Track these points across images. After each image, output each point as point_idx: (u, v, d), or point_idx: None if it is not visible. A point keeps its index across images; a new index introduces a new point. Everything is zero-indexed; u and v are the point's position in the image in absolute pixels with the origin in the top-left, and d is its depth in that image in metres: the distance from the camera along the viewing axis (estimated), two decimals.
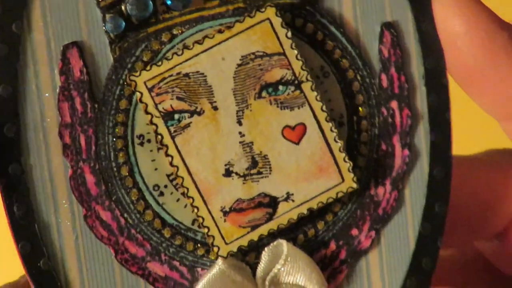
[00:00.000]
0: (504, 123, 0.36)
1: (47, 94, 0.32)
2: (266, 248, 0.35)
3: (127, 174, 0.33)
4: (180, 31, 0.33)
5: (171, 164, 0.33)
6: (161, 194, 0.34)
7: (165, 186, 0.34)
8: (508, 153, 0.39)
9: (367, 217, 0.36)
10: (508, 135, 0.36)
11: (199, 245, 0.34)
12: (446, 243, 0.38)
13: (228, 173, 0.33)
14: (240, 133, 0.33)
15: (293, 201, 0.34)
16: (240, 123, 0.33)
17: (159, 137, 0.33)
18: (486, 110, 0.36)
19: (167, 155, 0.33)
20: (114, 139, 0.33)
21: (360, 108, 0.35)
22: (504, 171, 0.37)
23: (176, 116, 0.33)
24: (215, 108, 0.33)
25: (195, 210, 0.33)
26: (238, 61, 0.33)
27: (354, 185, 0.35)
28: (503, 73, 0.34)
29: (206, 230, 0.34)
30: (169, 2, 0.33)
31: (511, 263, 0.39)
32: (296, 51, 0.33)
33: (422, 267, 0.36)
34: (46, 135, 0.33)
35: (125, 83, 0.33)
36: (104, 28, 0.33)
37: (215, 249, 0.34)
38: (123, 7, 0.33)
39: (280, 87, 0.34)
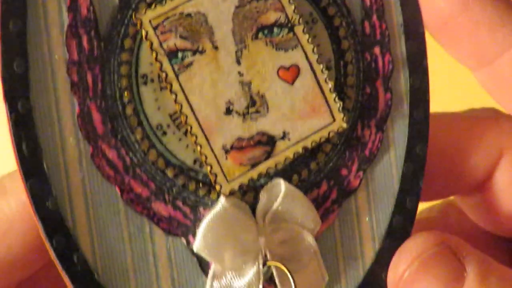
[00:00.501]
0: (477, 72, 0.38)
1: (55, 31, 0.33)
2: (264, 187, 0.36)
3: (132, 113, 0.34)
4: None
5: (175, 101, 0.34)
6: (164, 133, 0.34)
7: (168, 126, 0.34)
8: (487, 110, 0.41)
9: (355, 158, 0.37)
10: (481, 84, 0.38)
11: (200, 185, 0.35)
12: (426, 196, 0.40)
13: (228, 111, 0.35)
14: (239, 72, 0.35)
15: (289, 139, 0.36)
16: (239, 62, 0.35)
17: (164, 74, 0.34)
18: (460, 60, 0.38)
19: (171, 92, 0.34)
20: (119, 78, 0.34)
21: (346, 53, 0.37)
22: (482, 123, 0.40)
23: (180, 54, 0.34)
24: (216, 48, 0.34)
25: (199, 147, 0.34)
26: (236, 3, 0.34)
27: (344, 125, 0.36)
28: (476, 19, 0.37)
29: (209, 168, 0.34)
30: None
31: (491, 219, 0.41)
32: None
33: (406, 206, 0.38)
34: (54, 73, 0.33)
35: (130, 23, 0.34)
36: None
37: (218, 187, 0.34)
38: None
39: (275, 29, 0.35)
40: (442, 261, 0.36)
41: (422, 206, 0.41)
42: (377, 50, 0.37)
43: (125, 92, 0.34)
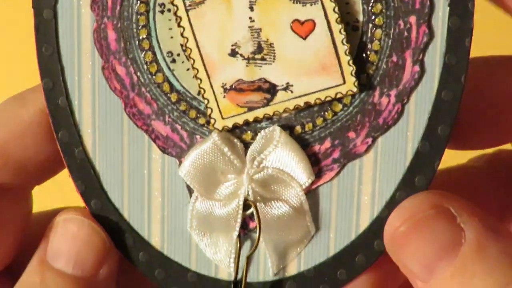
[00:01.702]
0: None
1: None
2: (262, 131, 0.37)
3: (145, 37, 0.36)
4: None
5: (182, 35, 0.36)
6: (173, 61, 0.37)
7: (178, 55, 0.36)
8: None
9: (366, 123, 0.36)
10: None
11: (201, 114, 0.37)
12: (472, 143, 0.38)
13: (233, 53, 0.36)
14: (250, 18, 0.35)
15: (291, 92, 0.36)
16: (252, 8, 0.35)
17: (175, 8, 0.36)
18: None
19: (179, 25, 0.36)
20: (138, 3, 0.36)
21: (377, 17, 0.36)
22: None
23: None
24: None
25: (199, 81, 0.36)
26: None
27: (354, 89, 0.36)
28: None
29: (206, 101, 0.36)
30: None
31: None
32: None
33: (414, 183, 0.37)
34: None
35: None
36: None
37: (212, 121, 0.36)
38: None
39: None
40: (436, 225, 0.34)
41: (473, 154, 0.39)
42: (412, 19, 0.35)
43: (142, 17, 0.36)
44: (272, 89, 0.36)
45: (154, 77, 0.37)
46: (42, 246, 0.38)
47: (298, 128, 0.37)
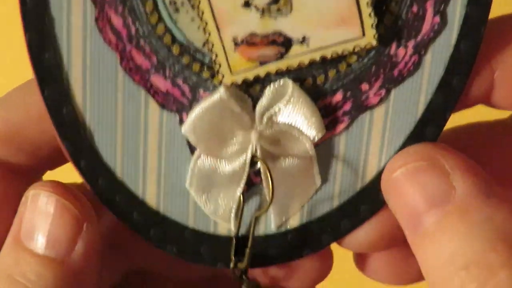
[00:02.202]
0: None
1: None
2: (271, 84, 0.34)
3: None
4: None
5: None
6: (176, 10, 0.33)
7: (182, 4, 0.33)
8: None
9: (381, 75, 0.35)
10: None
11: (205, 68, 0.34)
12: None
13: (247, 4, 0.32)
14: None
15: (307, 45, 0.33)
16: None
17: None
18: None
19: None
20: None
21: None
22: None
23: None
24: None
25: (207, 34, 0.33)
26: None
27: (374, 42, 0.33)
28: None
29: (214, 56, 0.33)
30: None
31: None
32: None
33: (425, 135, 0.36)
34: None
35: None
36: None
37: (220, 76, 0.33)
38: None
39: None
40: (426, 177, 0.34)
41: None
42: None
43: None
44: (287, 43, 0.33)
45: (154, 28, 0.33)
46: (16, 221, 0.34)
47: (309, 81, 0.34)
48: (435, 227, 0.34)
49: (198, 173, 0.35)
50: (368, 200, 0.36)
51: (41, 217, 0.34)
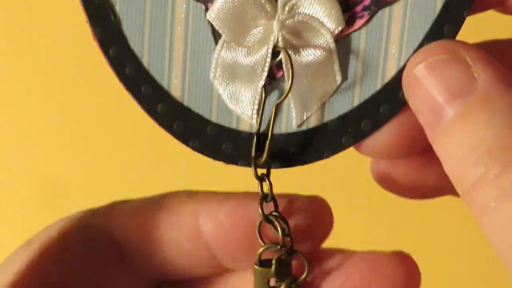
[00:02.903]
0: None
1: None
2: None
3: None
4: None
5: None
6: None
7: None
8: None
9: None
10: None
11: None
12: None
13: None
14: None
15: None
16: None
17: None
18: None
19: None
20: None
21: None
22: None
23: None
24: None
25: None
26: None
27: None
28: None
29: None
30: None
31: None
32: None
33: (443, 32, 0.36)
34: None
35: None
36: None
37: None
38: None
39: None
40: (448, 69, 0.34)
41: None
42: None
43: None
44: None
45: None
46: None
47: None
48: (456, 118, 0.34)
49: (222, 63, 0.36)
50: (388, 99, 0.37)
51: None
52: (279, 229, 0.37)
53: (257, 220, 0.38)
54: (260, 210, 0.37)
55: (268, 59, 0.36)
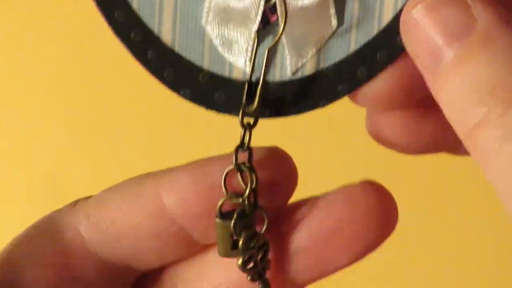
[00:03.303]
0: None
1: None
2: None
3: None
4: None
5: None
6: None
7: None
8: None
9: None
10: None
11: None
12: None
13: None
14: None
15: None
16: None
17: None
18: None
19: None
20: None
21: None
22: None
23: None
24: None
25: None
26: None
27: None
28: None
29: None
30: None
31: None
32: None
33: None
34: None
35: None
36: None
37: None
38: None
39: None
40: (447, 9, 0.33)
41: None
42: None
43: None
44: None
45: None
46: None
47: None
48: (456, 60, 0.33)
49: (215, 7, 0.35)
50: (385, 45, 0.36)
51: None
52: (248, 180, 0.36)
53: (221, 176, 0.36)
54: (234, 158, 0.36)
55: (262, 2, 0.35)
